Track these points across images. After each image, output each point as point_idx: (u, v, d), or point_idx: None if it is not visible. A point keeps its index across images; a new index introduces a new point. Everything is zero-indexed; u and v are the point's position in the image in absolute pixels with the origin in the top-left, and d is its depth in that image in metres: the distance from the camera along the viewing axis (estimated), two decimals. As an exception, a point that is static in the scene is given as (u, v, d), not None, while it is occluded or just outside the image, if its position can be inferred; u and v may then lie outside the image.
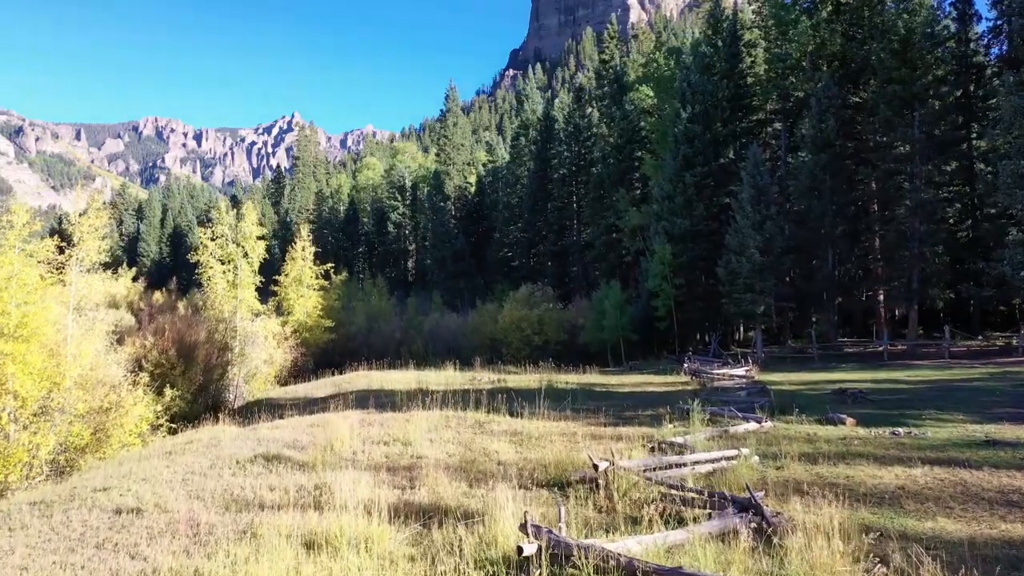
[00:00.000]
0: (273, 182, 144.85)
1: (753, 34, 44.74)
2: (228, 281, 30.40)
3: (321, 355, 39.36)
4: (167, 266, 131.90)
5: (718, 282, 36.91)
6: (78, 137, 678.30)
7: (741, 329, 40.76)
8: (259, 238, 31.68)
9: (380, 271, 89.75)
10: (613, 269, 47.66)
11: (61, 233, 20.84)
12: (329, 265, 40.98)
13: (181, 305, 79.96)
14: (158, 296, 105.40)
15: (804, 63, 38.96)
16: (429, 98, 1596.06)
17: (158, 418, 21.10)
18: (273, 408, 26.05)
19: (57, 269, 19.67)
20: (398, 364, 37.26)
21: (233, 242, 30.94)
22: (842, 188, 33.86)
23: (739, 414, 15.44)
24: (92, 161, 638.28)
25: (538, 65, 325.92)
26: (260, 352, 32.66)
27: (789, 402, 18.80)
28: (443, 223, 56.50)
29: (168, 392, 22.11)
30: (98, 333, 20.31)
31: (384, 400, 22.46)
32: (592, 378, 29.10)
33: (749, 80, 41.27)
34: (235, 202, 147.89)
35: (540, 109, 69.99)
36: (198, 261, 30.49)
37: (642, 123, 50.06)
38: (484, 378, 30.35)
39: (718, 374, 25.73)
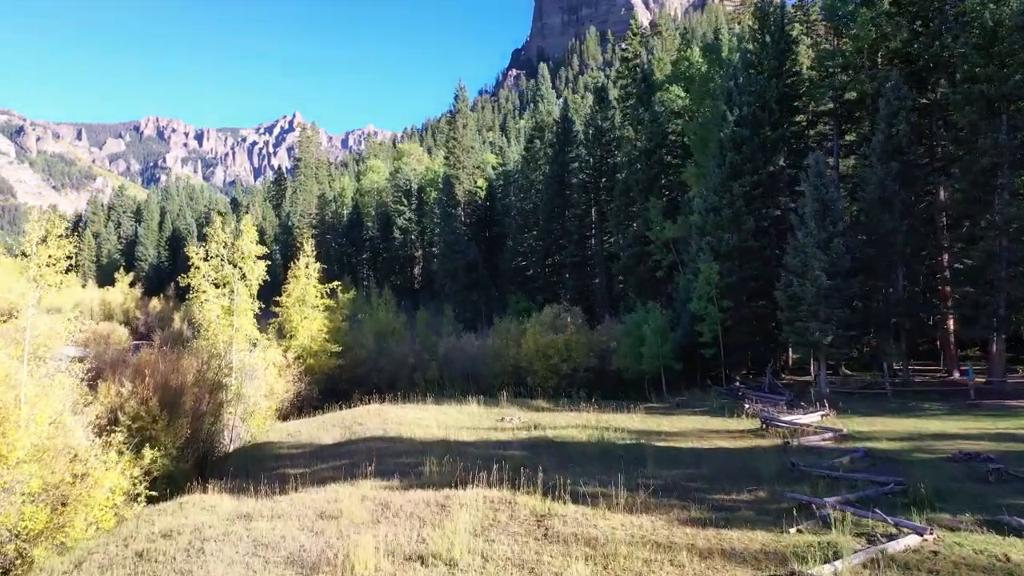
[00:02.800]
0: (274, 184, 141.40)
1: (796, 29, 41.01)
2: (223, 307, 26.72)
3: (327, 382, 35.71)
4: (165, 270, 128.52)
5: (769, 303, 33.21)
6: (79, 137, 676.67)
7: (789, 353, 37.03)
8: (259, 258, 27.98)
9: (385, 278, 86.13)
10: (642, 283, 43.95)
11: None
12: (336, 284, 37.19)
13: (177, 317, 76.48)
14: (155, 303, 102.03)
15: (861, 60, 35.23)
16: (430, 98, 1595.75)
17: (136, 484, 17.32)
18: (274, 462, 22.38)
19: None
20: (412, 395, 33.60)
21: (229, 262, 27.27)
22: (912, 200, 30.16)
23: (888, 519, 11.72)
24: (93, 161, 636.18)
25: (542, 65, 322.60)
26: (259, 384, 29.02)
27: (911, 476, 15.19)
28: (454, 232, 52.75)
29: (148, 453, 18.46)
30: (61, 387, 16.61)
31: (407, 463, 18.79)
32: (641, 421, 25.41)
33: (795, 80, 37.53)
34: (235, 205, 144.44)
35: (556, 110, 66.30)
36: (189, 284, 26.82)
37: (672, 125, 46.37)
38: (515, 419, 26.69)
39: (794, 423, 22.01)
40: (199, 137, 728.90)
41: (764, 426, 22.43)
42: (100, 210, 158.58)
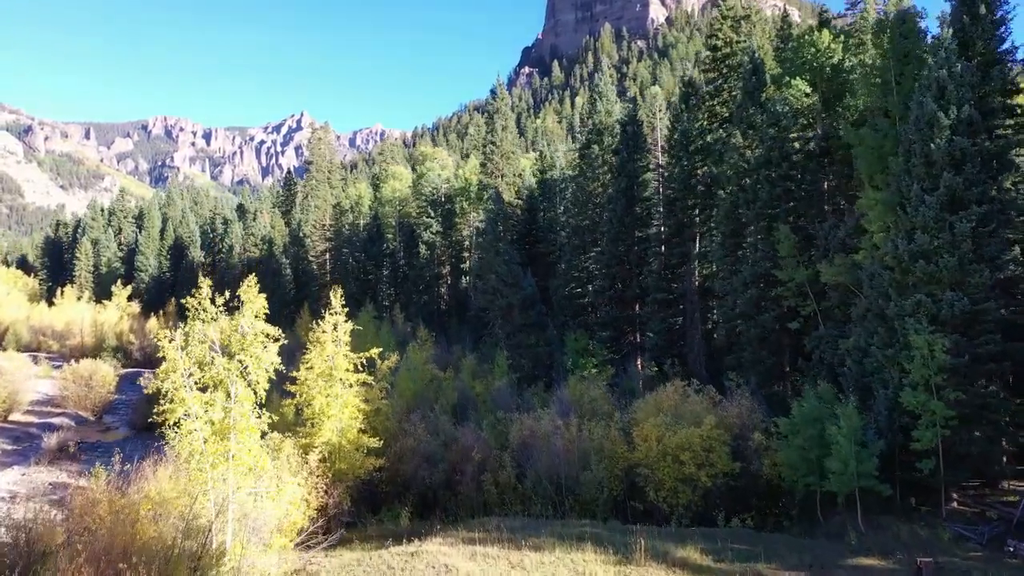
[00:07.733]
0: (284, 187, 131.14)
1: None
2: (213, 424, 16.76)
3: (362, 487, 25.79)
4: (166, 282, 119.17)
5: (1001, 388, 23.02)
6: (87, 136, 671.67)
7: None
8: (271, 339, 17.99)
9: (408, 298, 76.26)
10: (765, 336, 33.76)
11: None
12: (376, 351, 26.61)
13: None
14: (153, 324, 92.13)
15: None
16: (439, 96, 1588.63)
17: None
18: None
19: None
20: (483, 519, 23.55)
21: (221, 350, 17.34)
22: None
23: None
24: (101, 160, 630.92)
25: (555, 63, 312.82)
26: (268, 516, 19.12)
27: None
28: (508, 262, 42.87)
29: None
30: None
31: None
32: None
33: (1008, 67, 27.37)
34: (242, 211, 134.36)
35: (616, 110, 56.20)
36: (158, 390, 16.88)
37: (795, 129, 36.21)
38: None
39: None
40: (207, 136, 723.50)
41: None
42: (100, 215, 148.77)
